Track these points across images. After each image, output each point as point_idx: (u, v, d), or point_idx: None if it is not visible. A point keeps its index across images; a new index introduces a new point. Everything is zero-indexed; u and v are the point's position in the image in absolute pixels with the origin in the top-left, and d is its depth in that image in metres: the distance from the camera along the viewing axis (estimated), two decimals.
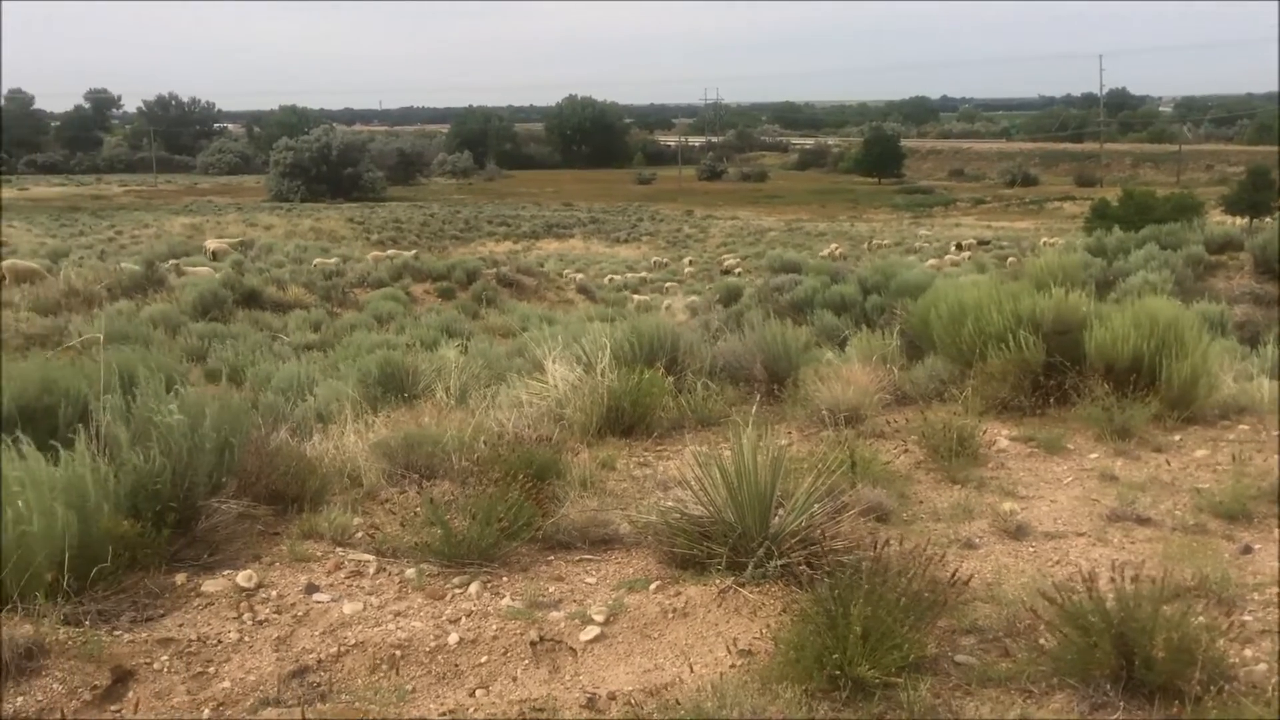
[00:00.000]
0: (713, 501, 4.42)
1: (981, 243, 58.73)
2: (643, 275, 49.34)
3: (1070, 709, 3.30)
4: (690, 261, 57.44)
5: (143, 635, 3.80)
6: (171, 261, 28.98)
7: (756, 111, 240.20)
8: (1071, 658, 3.40)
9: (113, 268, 25.53)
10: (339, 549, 4.65)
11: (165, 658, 3.68)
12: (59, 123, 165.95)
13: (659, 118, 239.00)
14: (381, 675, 3.62)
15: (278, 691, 3.50)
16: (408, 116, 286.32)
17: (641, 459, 6.11)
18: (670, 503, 4.71)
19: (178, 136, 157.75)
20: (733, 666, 3.60)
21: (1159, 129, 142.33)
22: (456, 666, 3.70)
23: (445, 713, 3.38)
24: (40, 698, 3.41)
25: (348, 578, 4.37)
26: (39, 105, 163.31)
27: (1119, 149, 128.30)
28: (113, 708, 3.43)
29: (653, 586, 4.23)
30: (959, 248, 54.61)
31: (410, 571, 4.39)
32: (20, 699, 3.40)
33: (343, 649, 3.74)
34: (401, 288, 27.75)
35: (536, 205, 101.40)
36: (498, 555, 4.49)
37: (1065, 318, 7.22)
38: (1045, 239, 47.29)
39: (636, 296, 33.72)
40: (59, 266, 27.41)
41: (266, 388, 11.58)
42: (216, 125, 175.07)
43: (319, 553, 4.59)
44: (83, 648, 3.63)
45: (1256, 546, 4.69)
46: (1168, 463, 5.95)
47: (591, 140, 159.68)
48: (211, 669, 3.66)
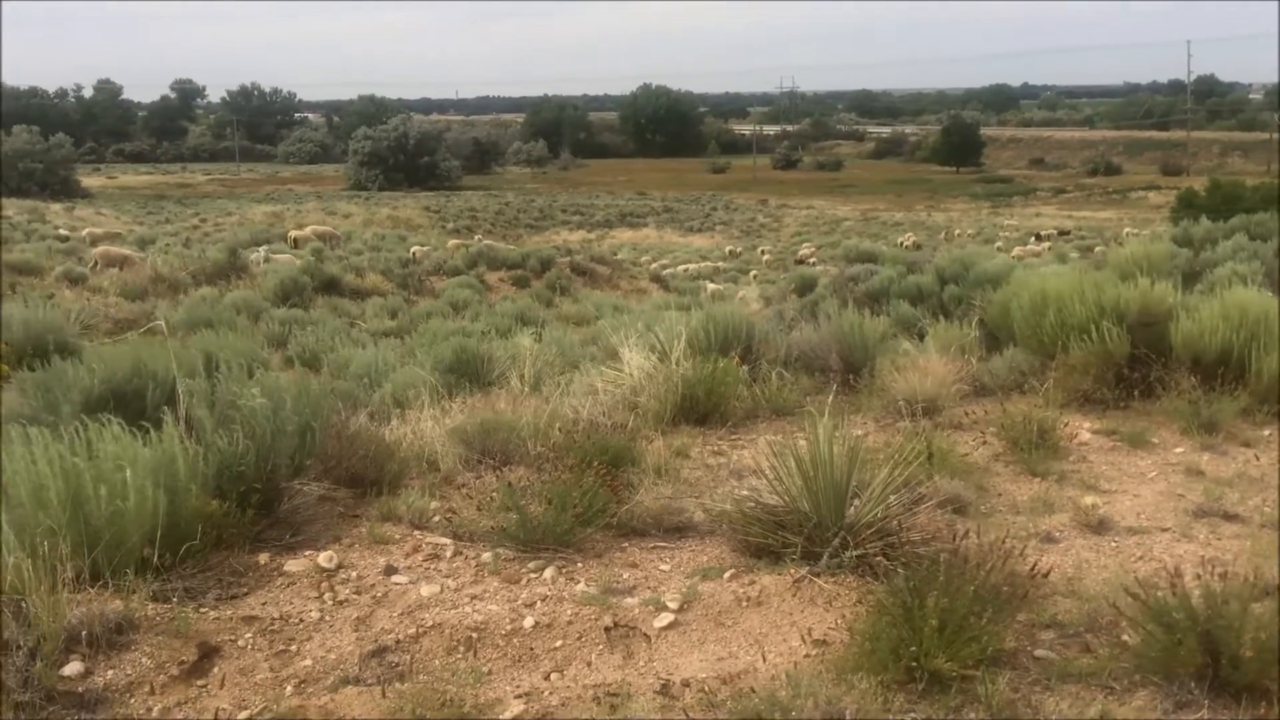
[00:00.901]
0: (788, 491, 4.40)
1: (1062, 233, 57.68)
2: (716, 264, 49.22)
3: (1153, 707, 3.23)
4: (765, 251, 57.15)
5: (228, 613, 3.89)
6: (264, 250, 29.52)
7: (832, 100, 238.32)
8: (1155, 655, 3.33)
9: (197, 254, 26.13)
10: (417, 532, 4.72)
11: (249, 635, 3.77)
12: (146, 112, 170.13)
13: (734, 107, 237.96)
14: (459, 657, 3.67)
15: (358, 670, 3.57)
16: (484, 106, 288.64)
17: (715, 448, 6.11)
18: (745, 491, 4.70)
19: (260, 126, 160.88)
20: (807, 656, 3.58)
21: (1248, 117, 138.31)
22: (532, 650, 3.74)
23: (521, 695, 3.42)
24: (130, 671, 3.52)
25: (425, 560, 4.44)
26: (127, 95, 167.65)
27: (1206, 137, 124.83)
28: (199, 683, 3.51)
29: (727, 575, 4.23)
30: (1038, 238, 53.64)
31: (486, 555, 4.44)
32: (110, 672, 3.50)
33: (421, 630, 3.80)
34: (476, 276, 28.00)
35: (610, 194, 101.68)
36: (572, 541, 4.52)
37: (1151, 309, 7.05)
38: (1129, 229, 46.26)
39: (710, 286, 33.57)
40: (146, 253, 28.13)
41: (345, 373, 11.76)
42: (297, 115, 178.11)
43: (397, 535, 4.66)
44: (170, 624, 3.73)
45: None
46: (1256, 458, 5.79)
47: (666, 129, 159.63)
48: (293, 647, 3.74)
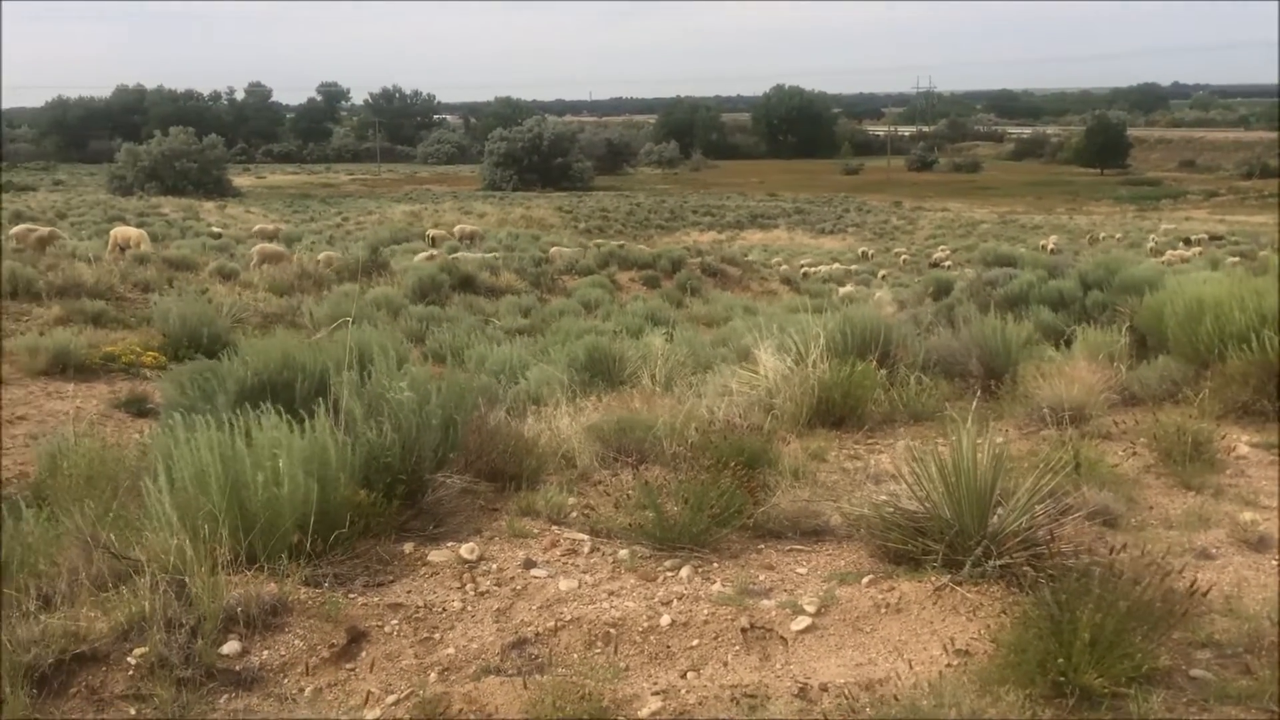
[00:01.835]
0: (929, 497, 4.32)
1: (1214, 238, 55.28)
2: (848, 267, 48.65)
3: None
4: (901, 253, 56.23)
5: (374, 599, 4.01)
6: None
7: (970, 100, 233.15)
8: None
9: (340, 252, 26.96)
10: (555, 527, 4.79)
11: (395, 622, 3.88)
12: (294, 114, 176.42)
13: (868, 107, 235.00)
14: (597, 652, 3.71)
15: (499, 661, 3.63)
16: (617, 107, 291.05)
17: (852, 451, 6.04)
18: (883, 496, 4.64)
19: (400, 127, 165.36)
20: (949, 666, 3.51)
21: None
22: (668, 648, 3.75)
23: (658, 692, 3.43)
24: (283, 652, 3.65)
25: (563, 555, 4.50)
26: (276, 98, 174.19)
27: None
28: (348, 666, 3.63)
29: (865, 580, 4.18)
30: (1187, 243, 51.52)
31: (623, 552, 4.47)
32: (266, 652, 3.65)
33: (560, 624, 3.85)
34: (608, 275, 28.24)
35: (741, 195, 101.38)
36: (709, 541, 4.52)
37: None
38: None
39: (841, 288, 33.20)
40: (293, 250, 29.16)
41: (480, 370, 11.99)
42: (436, 116, 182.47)
43: (536, 530, 4.73)
44: (321, 608, 3.86)
45: None
46: None
47: (798, 130, 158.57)
48: (437, 635, 3.83)
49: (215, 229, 52.59)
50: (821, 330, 7.06)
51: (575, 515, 4.91)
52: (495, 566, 4.34)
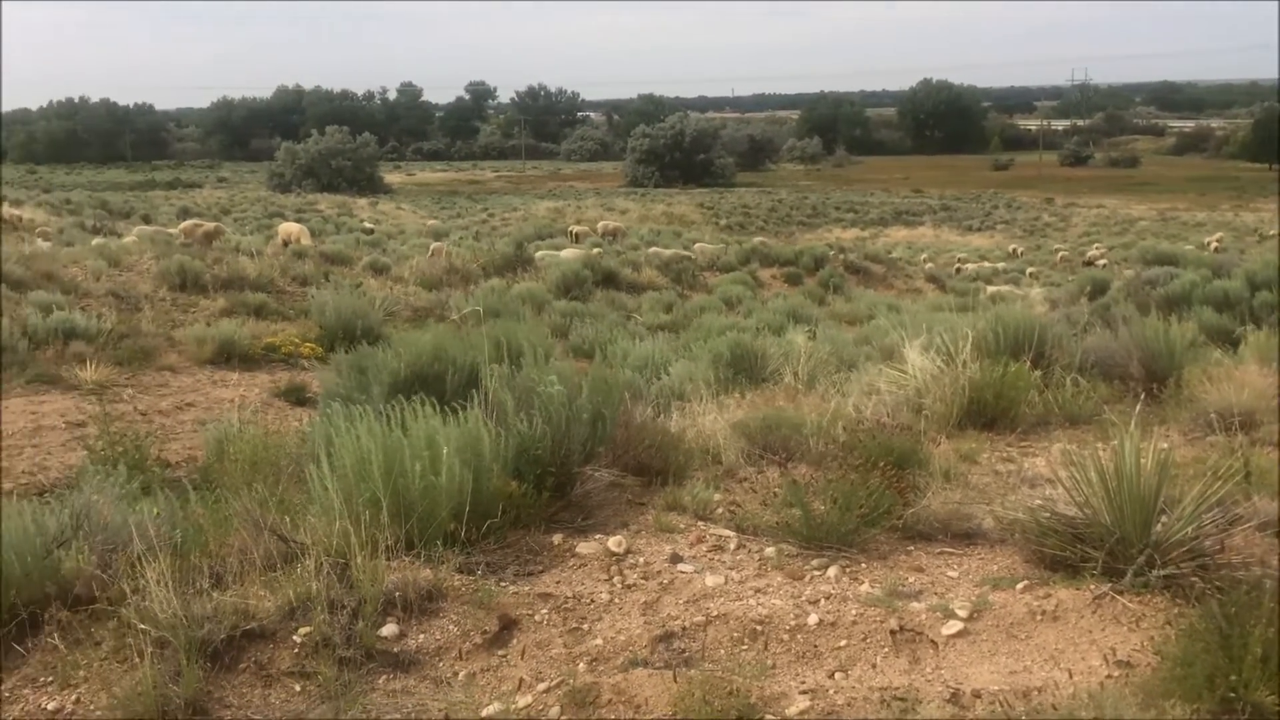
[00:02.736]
0: (1088, 502, 4.18)
1: None
2: (995, 265, 47.40)
3: None
4: (1061, 249, 54.48)
5: (525, 589, 4.09)
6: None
7: (1128, 92, 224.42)
8: None
9: (487, 248, 27.54)
10: (700, 523, 4.80)
11: (545, 611, 3.95)
12: (442, 113, 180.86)
13: (1019, 101, 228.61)
14: (744, 648, 3.71)
15: (647, 654, 3.66)
16: (760, 104, 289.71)
17: (1004, 454, 5.89)
18: (1039, 501, 4.51)
19: (545, 125, 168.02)
20: (1109, 677, 3.40)
21: None
22: (815, 647, 3.73)
23: (806, 691, 3.41)
24: (438, 637, 3.76)
25: (709, 551, 4.51)
26: (426, 97, 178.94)
27: None
28: (499, 652, 3.72)
29: (1020, 586, 4.07)
30: None
31: (770, 550, 4.46)
32: (422, 636, 3.76)
33: (707, 619, 3.86)
34: (749, 272, 28.14)
35: (885, 192, 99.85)
36: (856, 541, 4.47)
37: None
38: None
39: (989, 287, 32.33)
40: (440, 245, 29.87)
41: (623, 365, 12.09)
42: (579, 114, 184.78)
43: (682, 525, 4.75)
44: (474, 595, 3.97)
45: None
46: None
47: (946, 125, 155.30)
48: (585, 626, 3.88)
49: (368, 225, 54.34)
50: (972, 329, 6.89)
51: (721, 511, 4.92)
52: (642, 560, 4.37)
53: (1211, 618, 3.28)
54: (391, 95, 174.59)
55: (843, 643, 3.74)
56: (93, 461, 6.48)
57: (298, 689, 3.48)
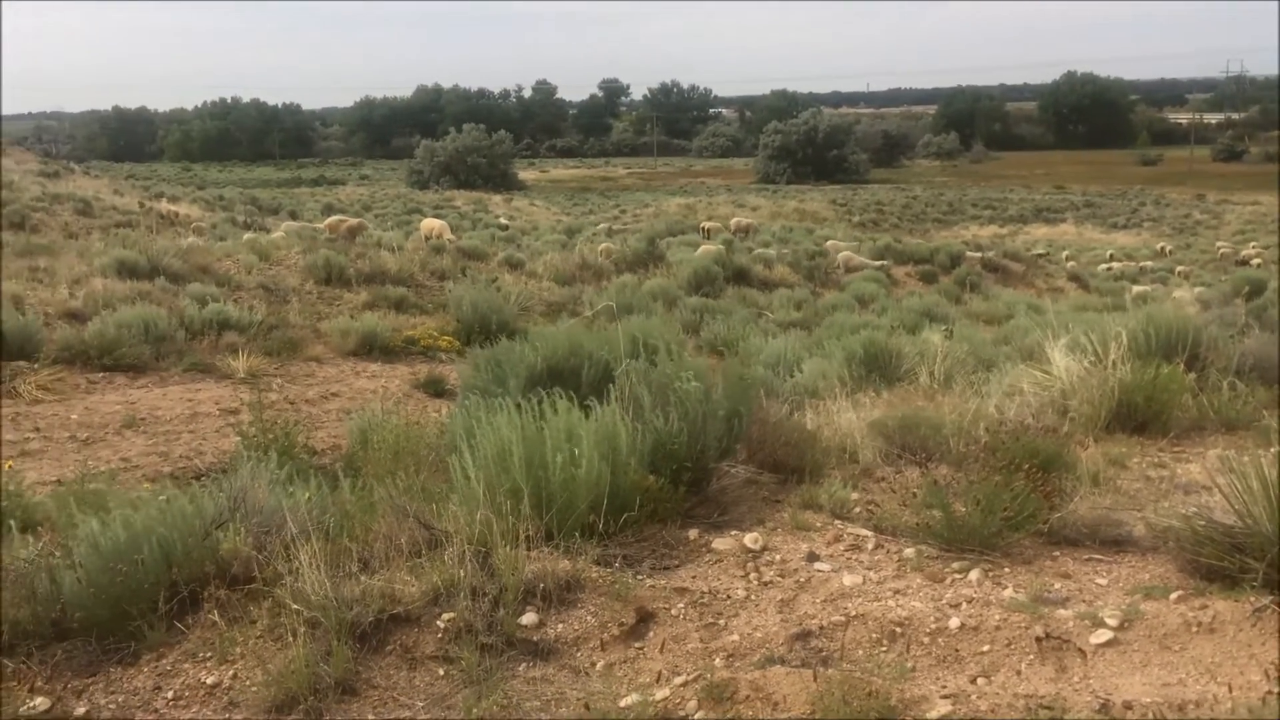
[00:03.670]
0: (1248, 511, 4.00)
1: None
2: (1142, 264, 45.70)
3: None
4: (1223, 246, 52.21)
5: (661, 582, 4.11)
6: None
7: None
8: None
9: (619, 244, 27.74)
10: (837, 521, 4.75)
11: (681, 606, 3.96)
12: (576, 110, 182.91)
13: (1169, 94, 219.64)
14: (883, 650, 3.65)
15: (783, 651, 3.64)
16: (895, 98, 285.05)
17: (1156, 459, 5.68)
18: (1194, 508, 4.33)
19: (677, 122, 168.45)
20: (1270, 693, 3.24)
21: None
22: (957, 651, 3.65)
23: (947, 695, 3.35)
24: (576, 627, 3.81)
25: (846, 550, 4.46)
26: (560, 95, 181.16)
27: None
28: (636, 645, 3.74)
29: (1173, 596, 3.91)
30: None
31: (909, 551, 4.39)
32: (560, 626, 3.81)
33: (845, 619, 3.82)
34: (883, 270, 27.72)
35: (1025, 188, 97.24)
36: (999, 544, 4.37)
37: None
38: None
39: (1135, 287, 31.18)
40: (574, 241, 30.23)
41: (755, 362, 12.04)
42: (711, 110, 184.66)
43: (818, 523, 4.71)
44: (611, 587, 4.00)
45: None
46: None
47: (1090, 119, 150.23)
48: (721, 621, 3.88)
49: (503, 221, 55.31)
50: (1123, 329, 6.66)
51: (858, 511, 4.86)
52: (778, 557, 4.35)
53: None
54: (527, 93, 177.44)
55: (985, 648, 3.66)
56: (246, 447, 6.74)
57: (441, 673, 3.56)
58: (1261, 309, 15.89)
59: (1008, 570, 4.26)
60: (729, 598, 4.04)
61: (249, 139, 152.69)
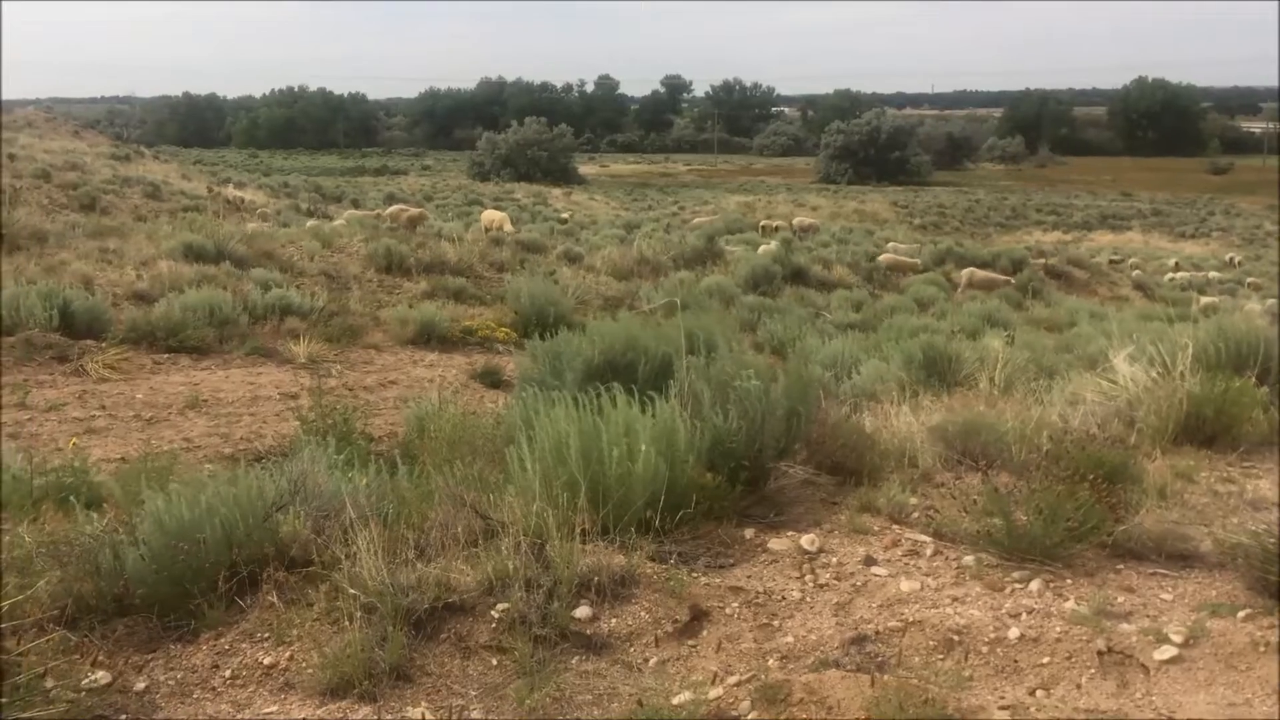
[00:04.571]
0: None
1: None
2: (1210, 274, 44.74)
3: None
4: None
5: (716, 580, 4.09)
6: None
7: None
8: None
9: (677, 240, 27.71)
10: (895, 526, 4.70)
11: (735, 605, 3.94)
12: (637, 106, 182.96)
13: (1242, 101, 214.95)
14: (940, 657, 3.60)
15: (838, 655, 3.60)
16: (960, 100, 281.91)
17: (1225, 474, 5.54)
18: (1264, 525, 4.23)
19: (738, 119, 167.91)
20: None
21: None
22: (1015, 662, 3.59)
23: (1005, 707, 3.29)
24: (630, 622, 3.80)
25: (904, 555, 4.40)
26: (622, 90, 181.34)
27: None
28: (689, 642, 3.72)
29: (1241, 614, 3.82)
30: None
31: (968, 559, 4.33)
32: (614, 620, 3.81)
33: (902, 624, 3.77)
34: (943, 273, 27.44)
35: (1091, 194, 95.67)
36: (1061, 555, 4.28)
37: None
38: None
39: (1203, 298, 30.55)
40: (631, 237, 30.25)
41: (811, 362, 11.96)
42: (774, 109, 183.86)
43: (876, 527, 4.66)
44: (666, 584, 3.99)
45: None
46: None
47: (1160, 125, 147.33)
48: (776, 622, 3.85)
49: (562, 214, 55.51)
50: (1191, 340, 6.51)
51: (917, 516, 4.79)
52: (835, 560, 4.31)
53: None
54: (589, 88, 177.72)
55: (1045, 660, 3.60)
56: (305, 432, 6.81)
57: (494, 663, 3.57)
58: None
59: (1069, 582, 4.18)
60: (784, 599, 4.01)
61: (315, 127, 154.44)
